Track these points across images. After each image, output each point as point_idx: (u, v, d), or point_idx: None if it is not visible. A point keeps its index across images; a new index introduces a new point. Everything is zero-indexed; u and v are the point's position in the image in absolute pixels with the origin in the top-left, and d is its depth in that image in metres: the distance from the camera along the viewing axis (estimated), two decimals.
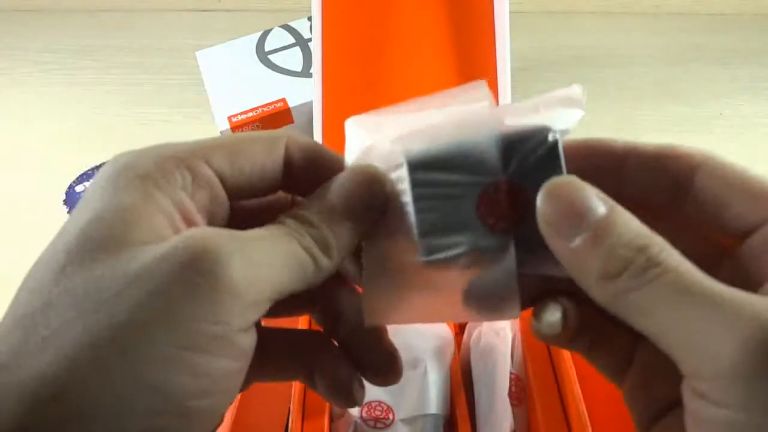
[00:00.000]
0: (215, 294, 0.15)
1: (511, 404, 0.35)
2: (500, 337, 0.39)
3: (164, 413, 0.14)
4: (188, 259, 0.15)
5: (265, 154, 0.20)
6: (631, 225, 0.17)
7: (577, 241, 0.17)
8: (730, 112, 0.70)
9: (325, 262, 0.19)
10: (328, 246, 0.19)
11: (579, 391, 0.34)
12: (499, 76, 0.48)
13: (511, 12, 0.48)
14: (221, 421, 0.17)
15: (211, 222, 0.19)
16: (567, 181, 0.18)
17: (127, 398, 0.13)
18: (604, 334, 0.21)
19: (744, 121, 0.69)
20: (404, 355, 0.38)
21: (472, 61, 0.48)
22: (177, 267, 0.15)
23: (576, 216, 0.17)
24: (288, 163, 0.21)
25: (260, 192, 0.21)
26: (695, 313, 0.16)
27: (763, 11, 0.82)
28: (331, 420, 0.36)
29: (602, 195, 0.18)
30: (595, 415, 0.33)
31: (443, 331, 0.40)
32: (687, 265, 0.17)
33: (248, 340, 0.16)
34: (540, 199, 0.18)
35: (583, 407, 0.34)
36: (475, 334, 0.41)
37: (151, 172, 0.17)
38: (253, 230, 0.18)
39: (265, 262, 0.17)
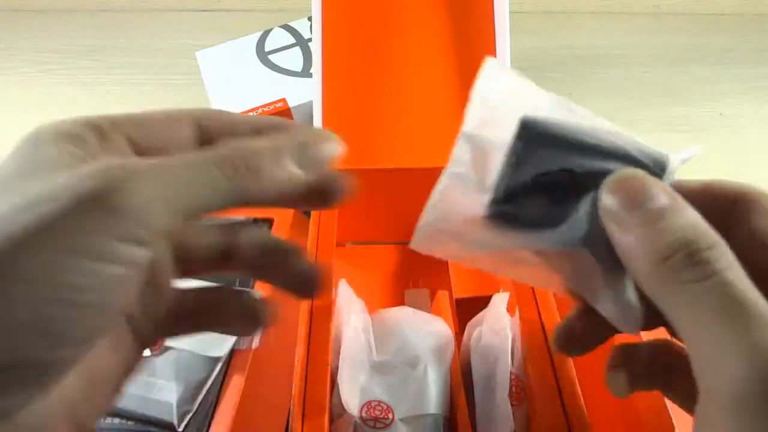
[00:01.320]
0: (104, 209, 0.16)
1: (511, 404, 0.35)
2: (500, 337, 0.39)
3: (53, 302, 0.15)
4: (87, 180, 0.16)
5: (170, 120, 0.20)
6: (687, 214, 0.17)
7: (631, 225, 0.17)
8: (730, 112, 0.70)
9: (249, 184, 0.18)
10: (257, 170, 0.18)
11: (579, 391, 0.34)
12: None
13: (511, 12, 0.48)
14: (112, 318, 0.18)
15: None
16: (632, 174, 0.18)
17: (14, 291, 0.15)
18: (677, 369, 0.21)
19: (744, 121, 0.69)
20: (404, 354, 0.38)
21: (472, 61, 0.48)
22: (73, 187, 0.16)
23: (635, 202, 0.18)
24: (206, 133, 0.20)
25: None
26: (726, 328, 0.15)
27: (763, 11, 0.82)
28: (331, 420, 0.36)
29: (668, 189, 0.18)
30: (595, 415, 0.33)
31: (443, 330, 0.40)
32: (736, 272, 0.16)
33: (141, 253, 0.17)
34: (603, 192, 0.18)
35: (583, 407, 0.33)
36: (475, 334, 0.41)
37: (62, 131, 0.18)
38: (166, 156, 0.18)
39: (167, 182, 0.17)
